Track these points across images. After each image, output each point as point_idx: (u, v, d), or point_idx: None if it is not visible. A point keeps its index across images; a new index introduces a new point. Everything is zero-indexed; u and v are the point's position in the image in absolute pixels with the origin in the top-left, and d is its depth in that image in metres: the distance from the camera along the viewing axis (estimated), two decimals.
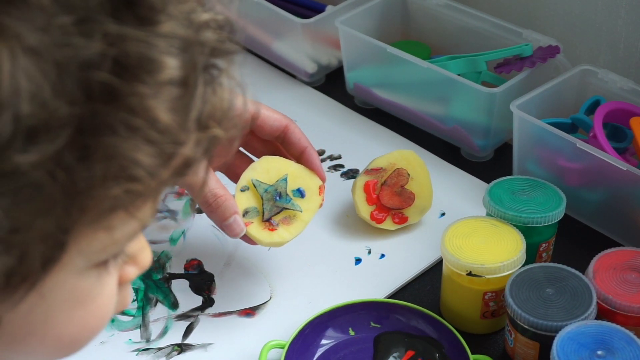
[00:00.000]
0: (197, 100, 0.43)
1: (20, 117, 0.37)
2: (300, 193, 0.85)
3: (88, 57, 0.39)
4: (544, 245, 0.88)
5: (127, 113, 0.40)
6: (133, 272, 0.52)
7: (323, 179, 0.87)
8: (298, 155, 0.86)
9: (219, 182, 0.82)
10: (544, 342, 0.77)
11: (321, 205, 0.86)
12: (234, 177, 0.87)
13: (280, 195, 0.84)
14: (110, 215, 0.43)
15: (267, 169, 0.84)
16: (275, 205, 0.84)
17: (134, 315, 0.88)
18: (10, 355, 0.49)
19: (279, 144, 0.88)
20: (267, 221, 0.83)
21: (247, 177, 0.84)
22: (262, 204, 0.83)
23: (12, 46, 0.37)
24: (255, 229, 0.83)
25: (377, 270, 0.92)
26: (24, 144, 0.38)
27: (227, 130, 0.46)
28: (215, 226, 0.96)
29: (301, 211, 0.84)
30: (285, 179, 0.84)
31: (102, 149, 0.40)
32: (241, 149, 0.90)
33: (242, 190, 0.83)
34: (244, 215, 0.82)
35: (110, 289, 0.49)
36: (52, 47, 0.38)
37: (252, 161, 0.87)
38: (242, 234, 0.82)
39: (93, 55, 0.39)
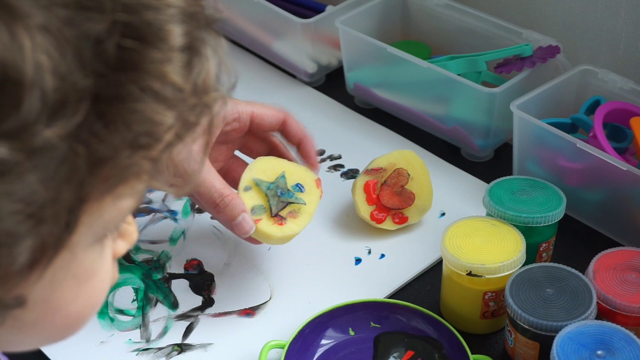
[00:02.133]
0: (199, 66, 0.45)
1: (45, 93, 0.39)
2: (299, 188, 0.86)
3: (100, 29, 0.40)
4: (544, 245, 0.88)
5: (145, 78, 0.42)
6: (123, 247, 0.53)
7: (317, 168, 0.89)
8: (297, 143, 0.88)
9: (224, 183, 0.82)
10: (544, 342, 0.77)
11: (320, 197, 0.88)
12: (231, 182, 0.87)
13: (282, 191, 0.85)
14: (122, 184, 0.44)
15: (263, 169, 0.86)
16: (280, 200, 0.85)
17: (134, 315, 0.88)
18: (19, 338, 0.49)
19: (274, 139, 0.90)
20: (275, 216, 0.84)
21: (247, 177, 0.85)
22: (268, 201, 0.84)
23: (27, 25, 0.38)
24: (266, 225, 0.84)
25: (377, 270, 0.92)
26: (50, 118, 0.39)
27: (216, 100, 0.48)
28: (216, 226, 0.96)
29: (305, 204, 0.86)
30: (284, 176, 0.86)
31: (122, 115, 0.42)
32: (236, 152, 0.91)
33: (246, 190, 0.84)
34: (252, 215, 0.84)
35: (109, 263, 0.51)
36: (64, 23, 0.39)
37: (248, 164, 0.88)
38: (252, 231, 0.83)
39: (105, 26, 0.40)
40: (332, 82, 1.18)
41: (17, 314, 0.45)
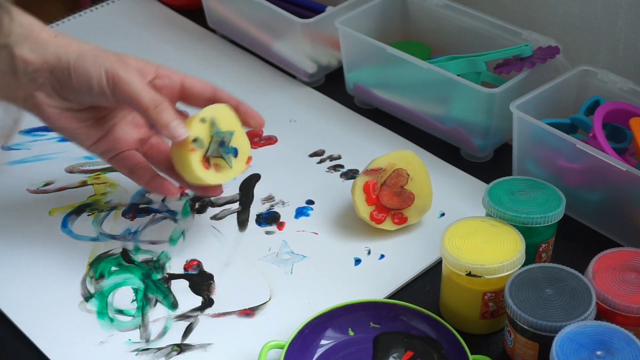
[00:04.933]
0: None
1: None
2: (234, 152, 0.89)
3: None
4: (543, 245, 0.88)
5: None
6: None
7: (262, 122, 0.92)
8: (235, 108, 0.90)
9: (157, 93, 0.86)
10: (544, 342, 0.77)
11: (242, 171, 0.91)
12: (156, 156, 0.92)
13: (224, 144, 0.88)
14: None
15: (223, 116, 0.88)
16: (218, 150, 0.88)
17: (133, 316, 0.88)
18: None
19: None
20: (206, 158, 0.87)
21: (210, 112, 0.88)
22: (210, 142, 0.87)
23: None
24: (195, 158, 0.86)
25: (377, 271, 0.92)
26: None
27: None
28: (216, 226, 0.96)
29: (231, 167, 0.89)
30: (232, 134, 0.89)
31: None
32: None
33: (201, 121, 0.87)
34: (192, 142, 0.86)
35: None
36: None
37: None
38: (185, 136, 0.85)
39: None
40: (332, 83, 1.18)
41: None
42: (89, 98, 0.86)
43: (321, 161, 1.06)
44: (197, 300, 0.90)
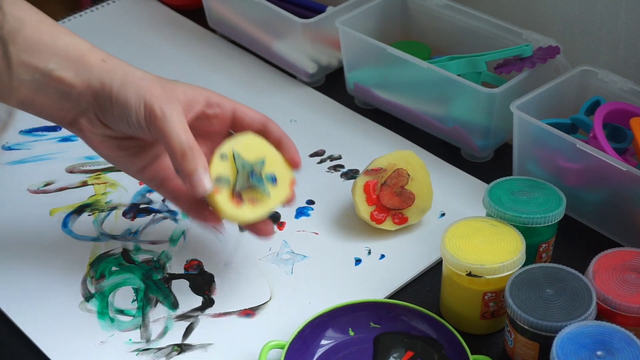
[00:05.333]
0: None
1: None
2: (272, 180, 0.84)
3: None
4: (543, 245, 0.88)
5: None
6: None
7: (298, 163, 0.86)
8: (277, 143, 0.86)
9: (194, 139, 0.81)
10: (544, 342, 0.77)
11: (291, 200, 0.86)
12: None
13: (254, 175, 0.83)
14: None
15: (249, 145, 0.84)
16: (249, 182, 0.83)
17: (134, 316, 0.88)
18: None
19: None
20: (236, 195, 0.82)
21: (229, 146, 0.83)
22: (237, 177, 0.82)
23: None
24: (223, 198, 0.81)
25: (377, 271, 0.92)
26: None
27: None
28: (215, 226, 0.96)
29: (269, 196, 0.84)
30: (264, 162, 0.84)
31: None
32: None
33: (221, 158, 0.83)
34: (215, 182, 0.81)
35: None
36: None
37: None
38: (209, 191, 0.80)
39: None
40: (332, 83, 1.18)
41: None
42: (128, 129, 0.82)
43: (321, 161, 1.06)
44: (198, 300, 0.90)
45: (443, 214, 0.98)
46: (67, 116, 0.83)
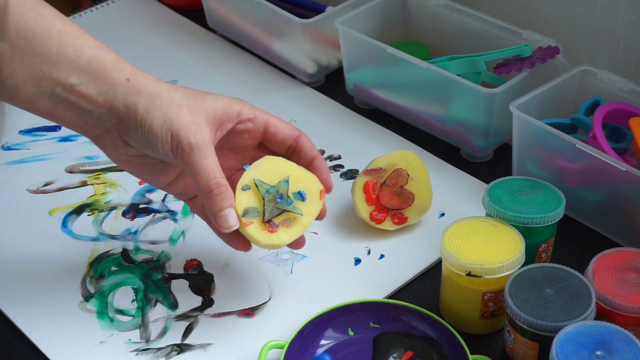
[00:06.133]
0: None
1: None
2: (300, 196, 0.83)
3: None
4: (543, 245, 0.88)
5: None
6: None
7: (329, 188, 0.85)
8: (309, 162, 0.85)
9: (223, 174, 0.79)
10: (543, 342, 0.77)
11: (323, 212, 0.84)
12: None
13: (281, 197, 0.82)
14: None
15: (269, 169, 0.82)
16: (277, 206, 0.82)
17: (133, 316, 0.88)
18: None
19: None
20: (268, 222, 0.82)
21: (249, 175, 0.82)
22: (264, 205, 0.81)
23: None
24: (255, 230, 0.81)
25: (377, 271, 0.92)
26: None
27: None
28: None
29: (302, 214, 0.83)
30: (287, 181, 0.82)
31: None
32: (247, 167, 0.87)
33: (244, 189, 0.81)
34: (243, 215, 0.81)
35: None
36: None
37: None
38: (234, 228, 0.79)
39: None
40: (332, 83, 1.18)
41: None
42: (154, 154, 0.80)
43: None
44: (197, 300, 0.90)
45: (443, 214, 0.98)
46: (91, 131, 0.81)
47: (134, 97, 0.78)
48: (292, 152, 0.85)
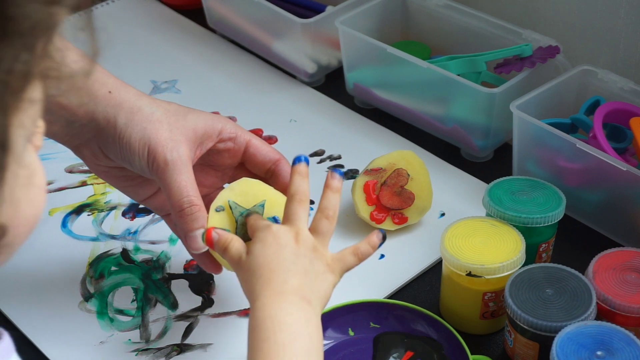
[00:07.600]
0: None
1: None
2: (276, 221, 0.77)
3: None
4: (543, 245, 0.88)
5: None
6: (39, 138, 0.54)
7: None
8: (282, 190, 0.81)
9: (197, 192, 0.78)
10: (544, 342, 0.77)
11: None
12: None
13: None
14: (31, 87, 0.48)
15: (245, 191, 0.79)
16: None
17: (133, 316, 0.88)
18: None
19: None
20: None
21: (223, 197, 0.78)
22: (236, 228, 0.78)
23: None
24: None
25: (377, 271, 0.92)
26: None
27: None
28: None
29: None
30: (263, 205, 0.79)
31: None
32: (226, 185, 0.84)
33: (217, 211, 0.78)
34: None
35: (40, 162, 0.53)
36: None
37: None
38: (203, 250, 0.78)
39: None
40: (332, 83, 1.18)
41: None
42: (131, 168, 0.79)
43: (321, 161, 1.06)
44: (197, 300, 0.90)
45: (443, 214, 0.98)
46: (72, 141, 0.80)
47: (114, 110, 0.77)
48: (271, 176, 0.83)
